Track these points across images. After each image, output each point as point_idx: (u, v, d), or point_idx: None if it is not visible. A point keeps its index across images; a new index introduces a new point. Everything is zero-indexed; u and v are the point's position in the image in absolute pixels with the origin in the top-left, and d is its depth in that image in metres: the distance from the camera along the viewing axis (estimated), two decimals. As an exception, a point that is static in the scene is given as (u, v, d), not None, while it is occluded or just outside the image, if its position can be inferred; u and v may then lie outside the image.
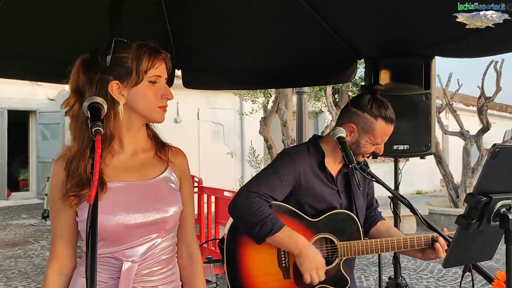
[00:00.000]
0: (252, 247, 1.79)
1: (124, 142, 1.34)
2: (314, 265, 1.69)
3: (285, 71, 3.38)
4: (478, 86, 8.56)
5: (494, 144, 0.97)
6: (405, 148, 2.85)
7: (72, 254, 1.35)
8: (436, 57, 2.80)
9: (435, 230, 1.63)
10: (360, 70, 6.02)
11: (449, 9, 1.97)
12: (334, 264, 1.81)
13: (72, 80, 1.31)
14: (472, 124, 10.64)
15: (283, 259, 1.80)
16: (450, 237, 1.51)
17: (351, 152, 1.69)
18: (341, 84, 7.42)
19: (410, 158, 3.18)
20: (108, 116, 1.26)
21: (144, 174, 1.34)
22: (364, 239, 1.83)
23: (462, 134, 9.55)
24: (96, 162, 0.95)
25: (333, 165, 1.91)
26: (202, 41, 3.39)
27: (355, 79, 7.99)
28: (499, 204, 1.04)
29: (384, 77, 2.86)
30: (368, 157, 1.92)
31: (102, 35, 2.09)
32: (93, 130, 1.04)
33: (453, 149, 16.07)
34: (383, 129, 1.81)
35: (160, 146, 1.42)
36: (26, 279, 5.52)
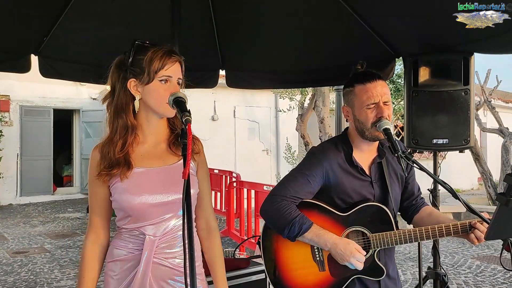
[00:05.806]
0: (286, 244, 1.91)
1: (146, 133, 1.55)
2: (347, 254, 1.77)
3: (325, 70, 3.50)
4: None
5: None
6: (444, 142, 2.95)
7: (106, 227, 1.59)
8: (475, 54, 2.88)
9: (476, 214, 1.74)
10: (396, 68, 6.07)
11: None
12: (368, 255, 1.85)
13: (109, 78, 1.55)
14: (512, 121, 10.44)
15: (316, 253, 1.90)
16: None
17: (395, 141, 1.75)
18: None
19: (447, 156, 3.25)
20: (130, 109, 1.50)
21: (165, 160, 1.54)
22: (396, 230, 1.87)
23: (501, 131, 9.42)
24: (188, 145, 1.15)
25: (364, 156, 1.95)
26: (245, 42, 3.58)
27: (392, 77, 8.01)
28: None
29: (424, 74, 2.96)
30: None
31: (162, 39, 2.32)
32: (184, 120, 1.24)
33: (492, 146, 15.71)
34: (362, 89, 1.85)
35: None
36: (77, 267, 5.86)
